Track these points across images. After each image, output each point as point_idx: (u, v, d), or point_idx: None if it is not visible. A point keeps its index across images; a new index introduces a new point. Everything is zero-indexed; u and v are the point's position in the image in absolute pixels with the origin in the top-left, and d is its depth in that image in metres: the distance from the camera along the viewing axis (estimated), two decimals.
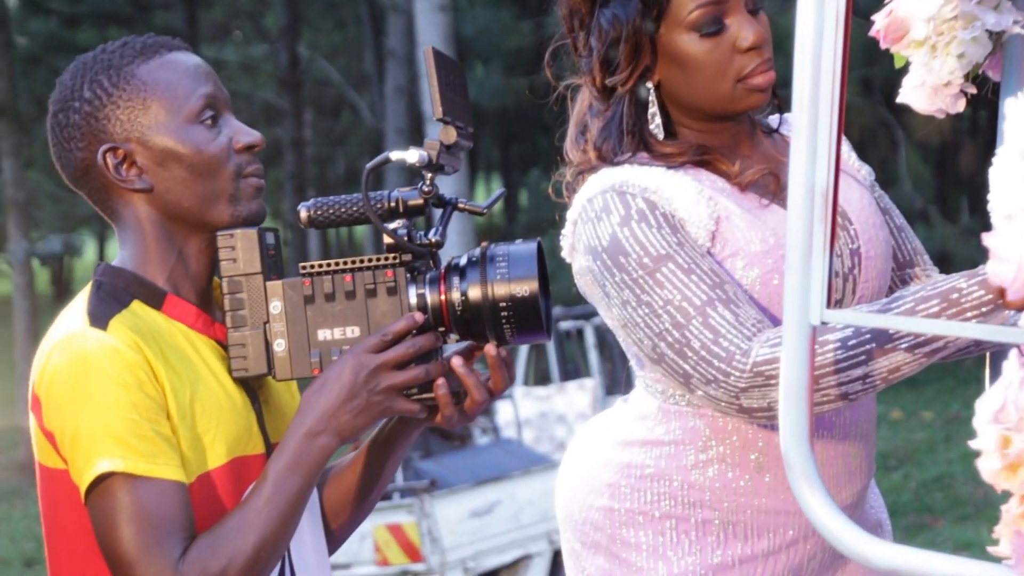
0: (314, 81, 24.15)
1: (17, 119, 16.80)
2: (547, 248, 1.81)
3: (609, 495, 2.11)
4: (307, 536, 1.89)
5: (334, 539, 1.99)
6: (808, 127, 1.44)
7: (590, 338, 9.68)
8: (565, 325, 9.85)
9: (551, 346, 9.58)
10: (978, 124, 19.33)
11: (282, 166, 22.55)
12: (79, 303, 1.78)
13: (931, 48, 1.88)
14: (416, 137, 17.35)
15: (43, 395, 1.73)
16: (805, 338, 1.48)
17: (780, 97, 2.16)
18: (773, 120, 2.24)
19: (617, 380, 9.12)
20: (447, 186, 1.82)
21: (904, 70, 1.92)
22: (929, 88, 1.90)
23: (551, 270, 1.81)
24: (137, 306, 1.78)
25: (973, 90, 1.91)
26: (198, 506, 1.74)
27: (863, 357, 1.85)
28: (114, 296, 1.77)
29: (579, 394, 8.99)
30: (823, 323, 1.45)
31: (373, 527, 6.95)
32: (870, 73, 14.87)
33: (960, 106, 1.91)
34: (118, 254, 1.84)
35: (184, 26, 21.30)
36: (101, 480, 1.68)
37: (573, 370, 9.69)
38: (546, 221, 15.64)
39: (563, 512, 2.20)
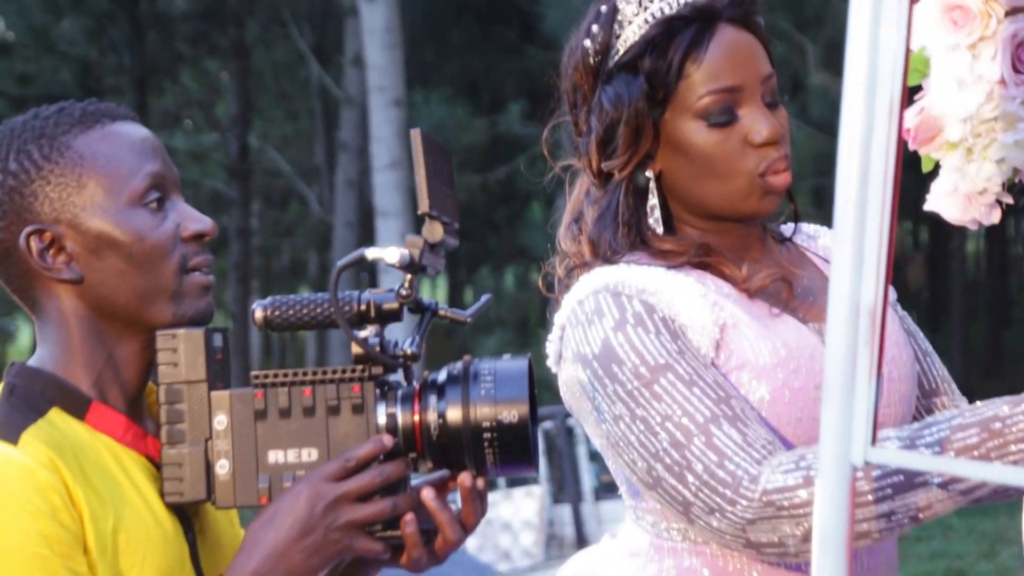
0: (263, 171, 23.84)
1: None
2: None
3: None
4: None
5: None
6: (854, 233, 1.23)
7: (540, 444, 9.33)
8: None
9: None
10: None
11: (227, 255, 22.27)
12: None
13: (967, 151, 1.69)
14: (365, 231, 17.16)
15: None
16: (845, 479, 1.25)
17: (796, 203, 1.95)
18: (786, 229, 2.02)
19: (565, 488, 8.92)
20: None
21: (932, 175, 1.73)
22: (962, 196, 1.71)
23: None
24: (56, 415, 1.51)
25: (1010, 200, 1.72)
26: None
27: (889, 491, 1.62)
28: (29, 402, 1.50)
29: (526, 501, 8.77)
30: (866, 463, 1.24)
31: None
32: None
33: (995, 217, 1.72)
34: (36, 352, 1.57)
35: (135, 112, 20.95)
36: None
37: (519, 478, 9.43)
38: (493, 322, 15.51)
39: None
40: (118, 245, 1.53)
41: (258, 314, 1.52)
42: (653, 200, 1.87)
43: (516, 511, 8.70)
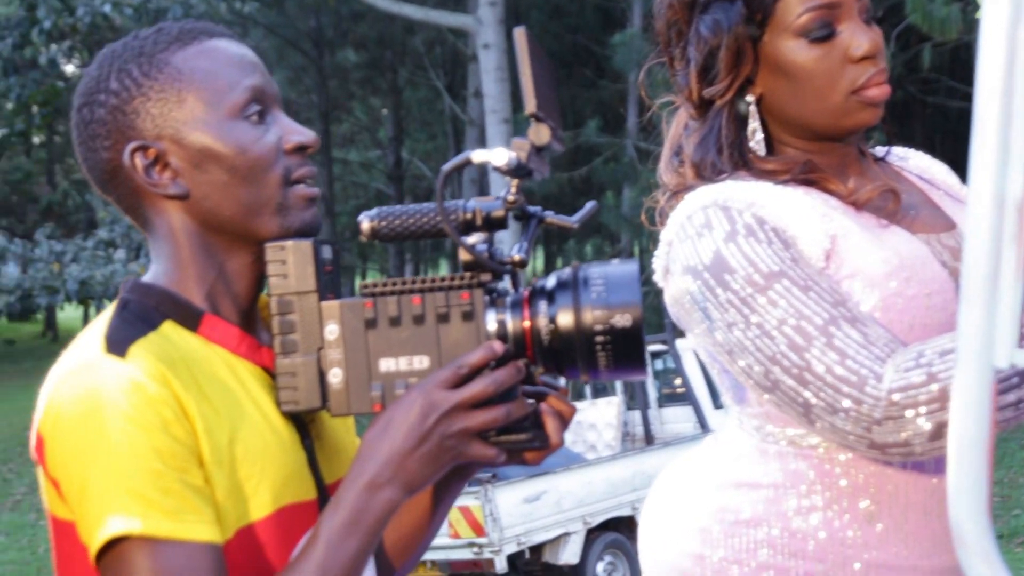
0: (412, 176, 23.93)
1: None
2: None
3: (700, 541, 1.40)
4: None
5: None
6: (999, 119, 0.79)
7: None
8: None
9: None
10: None
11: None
12: (98, 325, 1.08)
13: None
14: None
15: (47, 436, 1.03)
16: (987, 384, 0.81)
17: (888, 122, 1.47)
18: (879, 151, 1.54)
19: (636, 398, 8.54)
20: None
21: None
22: None
23: None
24: (169, 328, 1.10)
25: None
26: (241, 564, 1.06)
27: (1016, 379, 1.19)
28: (141, 316, 1.09)
29: (607, 408, 8.37)
30: (1012, 367, 0.82)
31: None
32: None
33: None
34: (150, 269, 1.16)
35: (321, 135, 21.20)
36: (114, 543, 0.99)
37: (602, 389, 9.05)
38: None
39: (649, 557, 1.48)
40: (220, 158, 1.11)
41: (366, 225, 1.10)
42: (755, 123, 1.40)
43: (600, 415, 8.35)
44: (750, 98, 1.40)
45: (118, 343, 1.04)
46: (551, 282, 1.08)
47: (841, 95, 1.36)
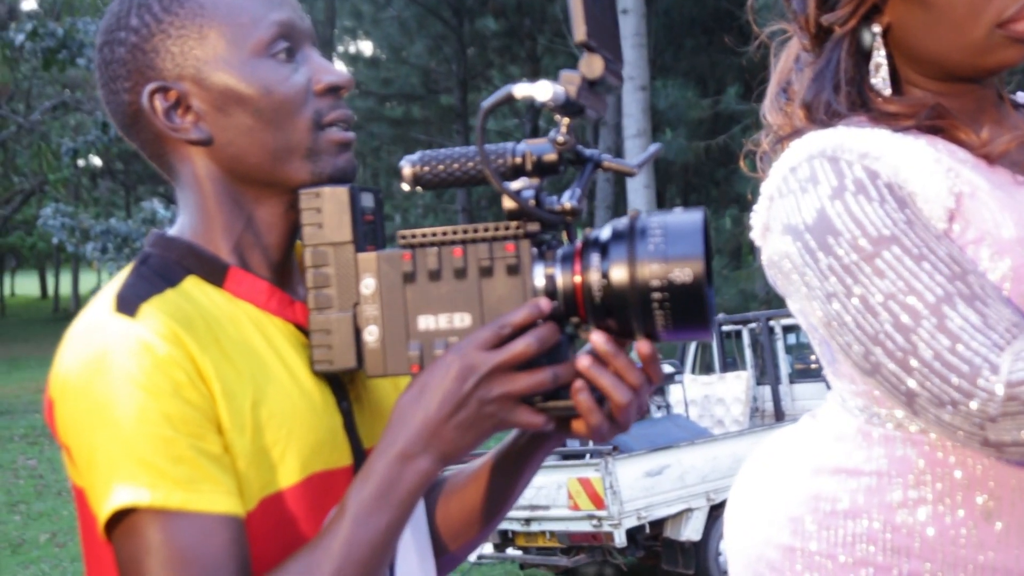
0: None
1: None
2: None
3: (791, 531, 1.23)
4: (413, 560, 1.07)
5: (451, 561, 1.16)
6: None
7: (746, 339, 8.69)
8: (727, 328, 8.88)
9: (715, 343, 8.68)
10: None
11: None
12: (115, 282, 0.99)
13: None
14: (619, 183, 16.59)
15: (56, 401, 0.95)
16: None
17: None
18: (1021, 97, 1.31)
19: (767, 373, 8.24)
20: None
21: None
22: None
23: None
24: (192, 283, 1.00)
25: None
26: (265, 536, 0.95)
27: None
28: (162, 272, 0.99)
29: (736, 382, 8.12)
30: None
31: (567, 479, 6.30)
32: None
33: None
34: (177, 220, 1.06)
35: (459, 105, 21.33)
36: (124, 516, 0.90)
37: (731, 363, 8.78)
38: (712, 249, 14.81)
39: (735, 545, 1.31)
40: (244, 99, 1.00)
41: (407, 170, 0.98)
42: (880, 57, 1.20)
43: (728, 389, 8.11)
44: (876, 28, 1.20)
45: (129, 301, 0.95)
46: (606, 233, 0.95)
47: (984, 28, 1.16)
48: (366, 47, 25.96)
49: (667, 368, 8.04)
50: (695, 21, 18.03)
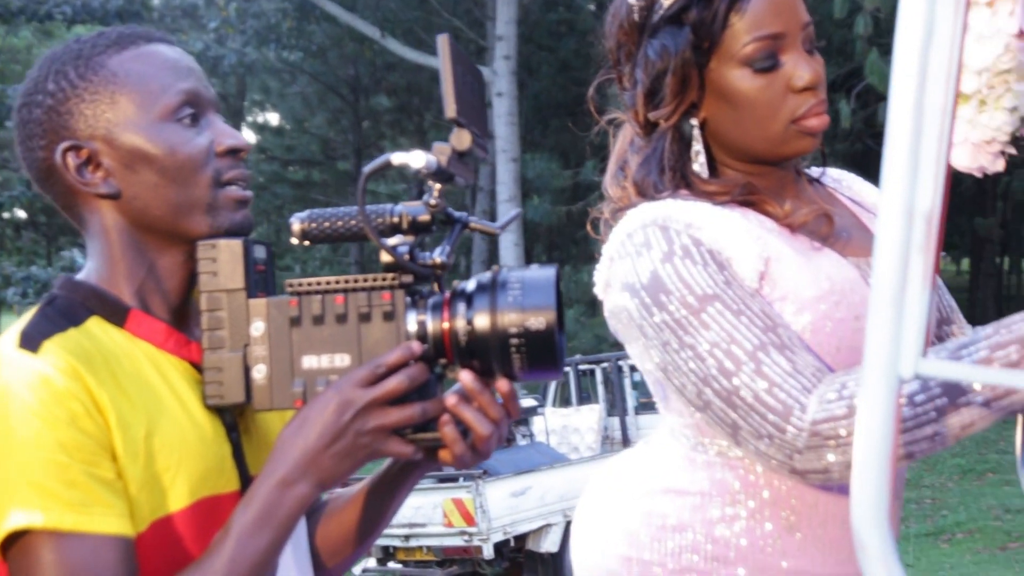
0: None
1: None
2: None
3: (628, 543, 1.27)
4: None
5: None
6: (911, 135, 0.66)
7: (599, 376, 8.76)
8: (583, 367, 9.00)
9: (572, 380, 8.78)
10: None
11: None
12: (21, 321, 0.96)
13: (980, 103, 1.09)
14: (492, 241, 16.74)
15: None
16: (892, 393, 0.68)
17: (823, 148, 1.33)
18: (814, 172, 1.40)
19: (616, 405, 8.37)
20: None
21: None
22: (971, 145, 1.11)
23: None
24: (94, 323, 0.98)
25: (1014, 151, 1.12)
26: (155, 556, 0.93)
27: (933, 414, 1.04)
28: (66, 312, 0.97)
29: (589, 414, 8.25)
30: (916, 376, 0.67)
31: (443, 499, 6.29)
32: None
33: (1000, 165, 1.13)
34: (85, 266, 1.04)
35: (354, 170, 21.26)
36: (19, 537, 0.88)
37: (586, 397, 8.89)
38: (571, 299, 15.00)
39: (579, 558, 1.34)
40: (150, 159, 0.99)
41: (296, 226, 0.98)
42: (698, 146, 1.26)
43: (583, 420, 8.21)
44: (694, 121, 1.27)
45: (32, 338, 0.92)
46: (472, 285, 0.96)
47: (781, 124, 1.23)
48: (273, 118, 25.69)
49: (530, 402, 8.08)
50: (560, 104, 18.42)
